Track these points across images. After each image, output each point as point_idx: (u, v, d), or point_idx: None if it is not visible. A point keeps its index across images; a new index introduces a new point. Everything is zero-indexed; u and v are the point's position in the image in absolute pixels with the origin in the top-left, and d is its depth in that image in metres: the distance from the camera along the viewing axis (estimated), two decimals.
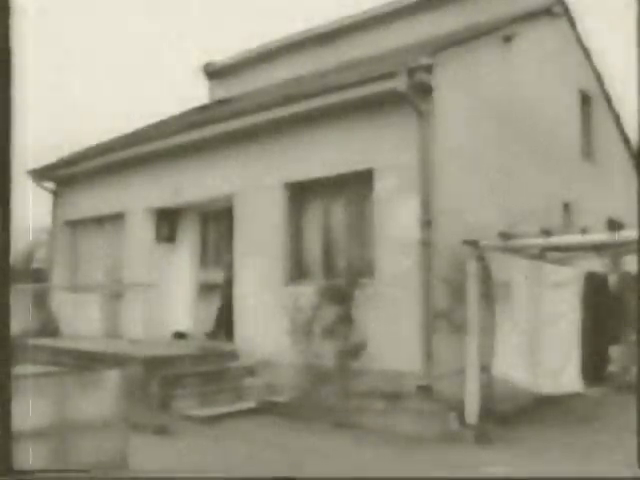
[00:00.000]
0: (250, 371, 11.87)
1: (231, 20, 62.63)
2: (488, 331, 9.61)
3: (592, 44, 16.46)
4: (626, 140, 18.25)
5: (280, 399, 11.19)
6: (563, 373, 9.04)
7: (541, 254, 9.89)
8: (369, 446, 9.07)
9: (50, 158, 17.26)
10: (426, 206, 10.05)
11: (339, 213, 11.61)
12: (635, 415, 5.87)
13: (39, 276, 19.29)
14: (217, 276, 13.85)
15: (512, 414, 9.98)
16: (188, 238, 14.91)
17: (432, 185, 10.05)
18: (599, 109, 16.97)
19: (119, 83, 52.48)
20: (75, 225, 17.28)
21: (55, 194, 17.56)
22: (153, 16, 66.91)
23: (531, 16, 13.22)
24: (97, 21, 60.80)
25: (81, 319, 14.86)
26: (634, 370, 9.98)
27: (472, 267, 9.80)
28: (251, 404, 11.16)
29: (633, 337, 9.53)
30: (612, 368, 9.30)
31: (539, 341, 9.17)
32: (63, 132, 26.72)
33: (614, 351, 9.25)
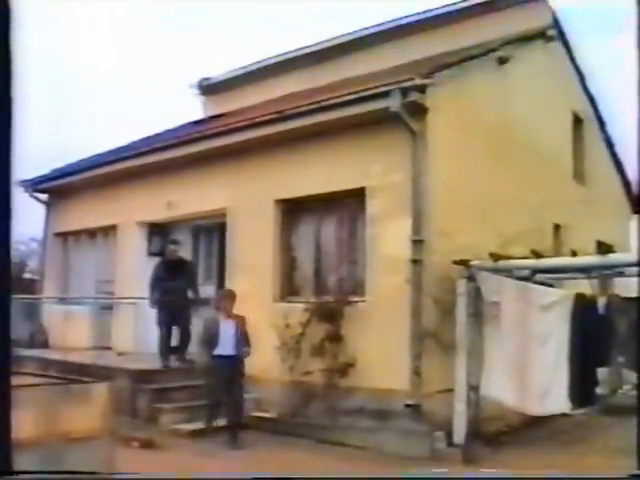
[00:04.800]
0: None
1: (226, 36, 62.93)
2: (477, 351, 9.63)
3: (586, 66, 16.60)
4: (618, 163, 18.34)
5: (268, 415, 11.18)
6: (551, 394, 9.05)
7: (531, 275, 9.93)
8: (354, 464, 9.06)
9: (43, 169, 17.30)
10: (418, 225, 10.07)
11: (331, 231, 11.64)
12: (623, 438, 5.90)
13: (30, 287, 19.25)
14: (206, 291, 13.77)
15: (500, 434, 9.99)
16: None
17: (424, 205, 10.08)
18: (592, 131, 17.07)
19: (114, 96, 52.56)
20: (67, 237, 17.28)
21: (47, 205, 17.57)
22: (149, 31, 67.18)
23: (526, 39, 13.30)
24: (93, 35, 60.99)
25: (70, 331, 14.81)
26: (621, 393, 10.02)
27: (462, 287, 9.83)
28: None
29: (620, 359, 9.57)
30: (599, 390, 9.32)
31: (528, 362, 9.18)
32: (56, 144, 26.76)
33: (602, 373, 9.28)
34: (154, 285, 12.46)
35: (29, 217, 17.09)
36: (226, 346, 10.18)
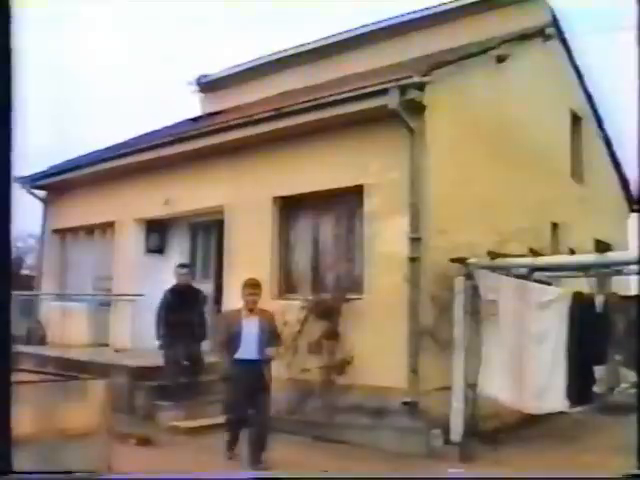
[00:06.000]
0: None
1: (225, 34, 62.89)
2: (475, 349, 9.63)
3: (584, 65, 16.60)
4: (615, 161, 18.34)
5: None
6: (548, 392, 9.06)
7: (529, 274, 9.93)
8: (351, 461, 9.06)
9: (40, 166, 17.27)
10: (415, 223, 10.07)
11: (328, 228, 11.63)
12: (620, 436, 5.90)
13: (27, 283, 19.23)
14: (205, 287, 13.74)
15: (496, 432, 9.98)
16: (177, 250, 14.91)
17: (422, 202, 10.08)
18: (589, 130, 17.07)
19: (112, 93, 52.53)
20: (65, 233, 17.27)
21: (45, 202, 17.55)
22: (147, 29, 67.13)
23: (524, 37, 13.29)
24: (91, 33, 60.93)
25: (68, 328, 14.81)
26: (618, 391, 10.03)
27: (460, 285, 9.82)
28: None
29: (618, 358, 9.58)
30: (597, 388, 9.32)
31: (525, 360, 9.18)
32: (54, 140, 26.75)
33: (599, 371, 9.28)
34: (161, 316, 11.24)
35: (27, 214, 17.09)
36: (249, 349, 8.51)
